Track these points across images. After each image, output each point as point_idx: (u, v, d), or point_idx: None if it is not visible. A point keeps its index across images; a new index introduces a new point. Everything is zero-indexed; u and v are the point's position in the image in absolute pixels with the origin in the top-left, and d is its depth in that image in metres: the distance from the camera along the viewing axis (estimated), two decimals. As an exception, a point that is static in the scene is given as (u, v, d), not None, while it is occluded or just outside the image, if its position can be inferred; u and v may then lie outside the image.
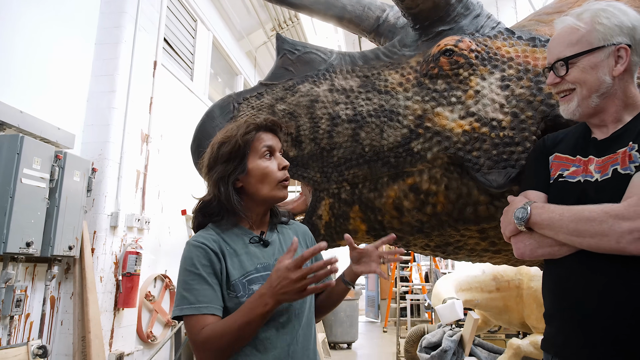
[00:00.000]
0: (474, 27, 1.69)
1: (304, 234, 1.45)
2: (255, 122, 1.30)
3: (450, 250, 1.84)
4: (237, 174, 1.24)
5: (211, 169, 1.27)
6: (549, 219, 1.15)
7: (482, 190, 1.55)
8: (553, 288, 1.23)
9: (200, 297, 1.11)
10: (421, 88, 1.64)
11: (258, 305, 1.04)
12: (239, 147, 1.25)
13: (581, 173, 1.19)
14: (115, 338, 3.56)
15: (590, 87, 1.18)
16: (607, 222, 1.04)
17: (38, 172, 2.83)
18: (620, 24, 1.16)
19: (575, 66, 1.19)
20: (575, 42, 1.20)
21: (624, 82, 1.17)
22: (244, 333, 1.07)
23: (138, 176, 3.96)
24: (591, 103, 1.19)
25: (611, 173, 1.11)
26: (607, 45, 1.16)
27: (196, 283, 1.13)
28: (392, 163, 1.64)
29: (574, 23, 1.22)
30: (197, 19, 5.50)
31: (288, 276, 1.01)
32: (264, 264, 1.23)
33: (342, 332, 7.11)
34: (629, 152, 1.10)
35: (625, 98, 1.18)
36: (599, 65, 1.17)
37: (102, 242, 3.49)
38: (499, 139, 1.49)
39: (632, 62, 1.17)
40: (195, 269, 1.13)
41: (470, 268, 3.64)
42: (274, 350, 1.16)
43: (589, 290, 1.11)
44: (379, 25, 2.04)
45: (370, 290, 11.53)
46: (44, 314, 3.13)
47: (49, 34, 3.23)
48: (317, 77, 1.76)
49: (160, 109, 4.30)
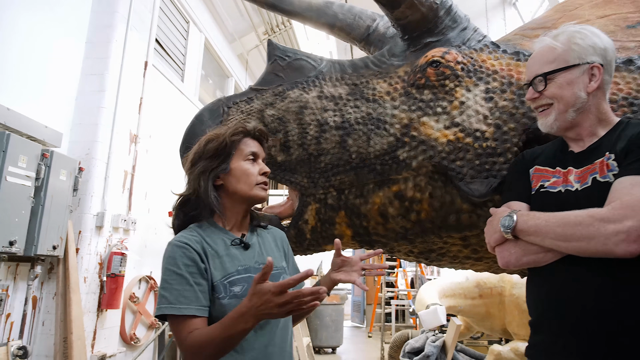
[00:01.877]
0: (460, 39, 1.74)
1: (281, 239, 1.47)
2: (245, 128, 1.35)
3: (434, 257, 1.87)
4: (219, 171, 1.28)
5: (195, 164, 1.30)
6: (535, 225, 1.18)
7: (465, 199, 1.59)
8: (538, 296, 1.27)
9: (180, 297, 1.12)
10: (408, 97, 1.68)
11: (239, 323, 1.05)
12: (225, 146, 1.29)
13: (562, 183, 1.24)
14: (98, 339, 3.53)
15: (567, 102, 1.25)
16: (593, 225, 1.07)
17: (24, 171, 2.80)
18: (593, 45, 1.24)
19: (552, 82, 1.26)
20: (552, 59, 1.27)
21: (597, 99, 1.25)
22: (226, 346, 1.09)
23: (125, 176, 3.94)
24: (568, 117, 1.25)
25: (591, 182, 1.17)
26: (582, 63, 1.24)
27: (177, 283, 1.14)
28: (378, 170, 1.67)
29: (552, 43, 1.29)
30: (189, 20, 5.50)
31: (272, 300, 1.01)
32: (245, 266, 1.25)
33: (327, 336, 7.12)
34: (606, 161, 1.16)
35: (599, 114, 1.25)
36: (575, 81, 1.24)
37: (87, 242, 3.47)
38: (482, 149, 1.53)
39: (604, 81, 1.25)
40: (178, 269, 1.15)
41: (454, 275, 3.68)
42: (251, 351, 1.18)
43: (575, 297, 1.14)
44: (369, 34, 2.07)
45: (356, 295, 11.56)
46: (25, 314, 3.09)
47: (38, 31, 3.21)
48: (306, 84, 1.78)
49: (149, 109, 4.29)
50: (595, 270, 1.10)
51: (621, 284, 1.09)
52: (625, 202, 1.06)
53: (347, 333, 9.66)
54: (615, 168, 1.13)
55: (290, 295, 1.01)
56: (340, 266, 1.41)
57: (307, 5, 2.11)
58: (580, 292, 1.13)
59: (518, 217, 1.22)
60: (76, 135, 3.53)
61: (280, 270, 1.34)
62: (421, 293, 3.53)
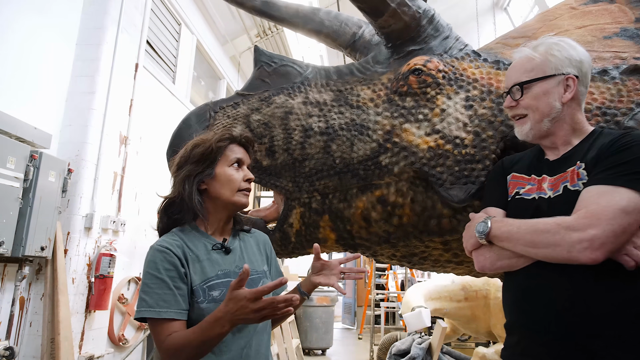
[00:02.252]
0: (442, 48, 1.78)
1: (264, 243, 1.49)
2: (232, 134, 1.37)
3: (416, 260, 1.91)
4: (204, 176, 1.30)
5: (180, 168, 1.33)
6: (508, 231, 1.23)
7: (445, 204, 1.63)
8: (511, 299, 1.31)
9: (159, 301, 1.15)
10: (391, 104, 1.72)
11: (215, 327, 1.08)
12: (211, 151, 1.32)
13: (536, 191, 1.28)
14: (86, 340, 3.53)
15: (542, 112, 1.29)
16: (559, 233, 1.12)
17: (12, 172, 2.81)
18: (569, 57, 1.28)
19: (529, 91, 1.31)
20: (530, 69, 1.31)
21: (572, 109, 1.29)
22: (203, 349, 1.12)
23: (115, 178, 3.94)
24: (543, 127, 1.30)
25: (562, 190, 1.21)
26: (557, 74, 1.28)
27: (157, 287, 1.16)
28: (361, 175, 1.70)
29: (530, 53, 1.34)
30: (181, 22, 5.52)
31: (248, 306, 1.04)
32: (225, 270, 1.27)
33: (317, 338, 7.14)
34: (577, 170, 1.20)
35: (573, 123, 1.29)
36: (550, 91, 1.28)
37: (75, 244, 3.47)
38: (461, 156, 1.57)
39: (579, 92, 1.29)
40: (158, 273, 1.17)
41: (441, 277, 3.73)
42: (228, 353, 1.21)
43: (544, 300, 1.18)
44: (355, 41, 2.11)
45: (347, 297, 11.58)
46: (12, 314, 3.09)
47: (29, 33, 3.21)
48: (292, 90, 1.82)
49: (140, 111, 4.30)
50: (563, 273, 1.15)
51: (587, 287, 1.13)
52: (590, 211, 1.10)
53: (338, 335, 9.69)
54: (585, 177, 1.18)
55: (264, 302, 1.04)
56: (320, 269, 1.44)
57: (294, 12, 2.15)
58: (549, 295, 1.17)
59: (492, 223, 1.26)
60: (66, 137, 3.53)
61: (261, 275, 1.37)
62: (407, 296, 3.57)
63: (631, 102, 1.47)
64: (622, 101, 1.48)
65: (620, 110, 1.46)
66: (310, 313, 7.14)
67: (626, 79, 1.52)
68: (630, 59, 1.60)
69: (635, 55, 1.61)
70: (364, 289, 9.53)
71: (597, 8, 1.87)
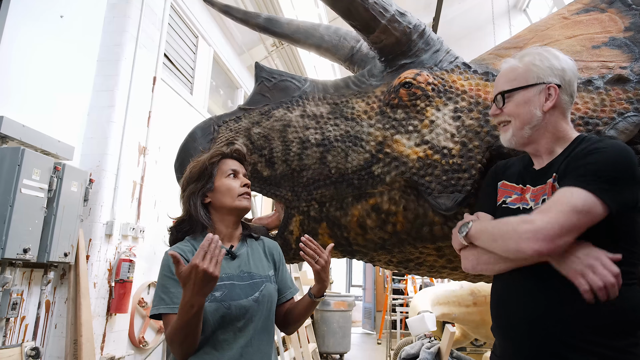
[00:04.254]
0: (433, 61, 1.84)
1: (271, 249, 1.59)
2: (222, 151, 1.52)
3: (412, 266, 1.97)
4: (206, 190, 1.45)
5: (184, 189, 1.49)
6: (480, 228, 1.28)
7: (436, 212, 1.69)
8: (492, 304, 1.37)
9: (175, 298, 1.29)
10: (383, 116, 1.79)
11: (186, 311, 1.18)
12: (206, 168, 1.47)
13: (520, 201, 1.33)
14: (107, 342, 3.69)
15: (522, 120, 1.33)
16: (512, 225, 1.17)
17: (37, 183, 2.99)
18: (551, 66, 1.32)
19: (511, 100, 1.35)
20: (513, 79, 1.36)
21: (555, 118, 1.32)
22: (186, 333, 1.22)
23: (134, 187, 4.12)
24: (524, 134, 1.34)
25: (541, 203, 1.25)
26: (539, 83, 1.32)
27: (172, 286, 1.31)
28: (356, 184, 1.78)
29: (514, 63, 1.39)
30: (198, 35, 5.70)
31: (193, 272, 1.14)
32: (228, 274, 1.39)
33: (335, 342, 7.19)
34: (552, 182, 1.25)
35: (556, 132, 1.32)
36: (531, 100, 1.32)
37: (97, 250, 3.64)
38: (449, 165, 1.63)
39: (562, 100, 1.32)
40: (172, 275, 1.30)
41: (451, 282, 3.75)
42: (230, 350, 1.31)
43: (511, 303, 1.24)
44: (353, 54, 2.20)
45: (367, 302, 11.59)
46: (38, 317, 3.27)
47: (53, 53, 3.42)
48: (290, 104, 1.91)
49: (158, 122, 4.47)
50: (528, 275, 1.19)
51: (548, 289, 1.17)
52: (544, 206, 1.15)
53: (358, 339, 9.71)
54: None
55: (199, 253, 1.14)
56: None
57: (296, 28, 2.25)
58: (515, 297, 1.23)
59: (473, 224, 1.32)
60: (87, 149, 3.72)
61: (264, 279, 1.46)
62: (414, 300, 3.60)
63: (613, 112, 1.50)
64: (605, 111, 1.51)
65: (602, 119, 1.50)
66: (328, 317, 7.21)
67: (610, 88, 1.55)
68: (616, 68, 1.63)
69: (622, 64, 1.64)
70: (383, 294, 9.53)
71: (588, 17, 1.90)
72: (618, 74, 1.57)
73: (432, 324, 3.19)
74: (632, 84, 1.54)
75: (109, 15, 4.01)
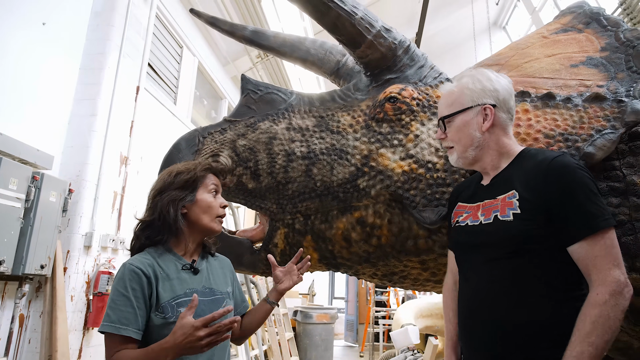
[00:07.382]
0: (417, 76, 1.87)
1: (227, 266, 1.59)
2: (211, 165, 1.50)
3: (396, 279, 1.97)
4: (187, 201, 1.41)
5: (162, 192, 1.42)
6: None
7: (420, 225, 1.70)
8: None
9: (122, 318, 1.22)
10: (368, 130, 1.81)
11: (159, 356, 1.15)
12: (195, 179, 1.43)
13: (469, 218, 1.37)
14: (84, 357, 3.58)
15: (464, 144, 1.38)
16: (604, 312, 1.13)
17: (14, 193, 2.91)
18: (483, 88, 1.37)
19: (451, 124, 1.40)
20: (450, 103, 1.41)
21: (495, 136, 1.37)
22: None
23: (115, 197, 4.05)
24: (469, 155, 1.38)
25: (493, 219, 1.28)
26: (474, 105, 1.36)
27: (122, 304, 1.24)
28: (341, 197, 1.79)
29: (451, 88, 1.44)
30: (182, 45, 5.69)
31: (195, 334, 1.12)
32: (193, 289, 1.36)
33: (317, 355, 7.12)
34: (509, 199, 1.26)
35: (499, 148, 1.37)
36: (469, 122, 1.36)
37: (75, 262, 3.55)
38: (433, 179, 1.65)
39: (500, 118, 1.36)
40: (125, 291, 1.25)
41: (434, 295, 3.77)
42: None
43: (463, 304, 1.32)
44: (339, 68, 2.22)
45: (350, 315, 11.52)
46: (11, 331, 3.16)
47: (33, 59, 3.36)
48: (276, 116, 1.91)
49: (141, 131, 4.42)
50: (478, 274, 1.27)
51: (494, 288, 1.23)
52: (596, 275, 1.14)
53: (340, 352, 9.63)
54: (517, 209, 1.23)
55: (211, 329, 1.13)
56: (282, 278, 1.56)
57: (282, 41, 2.26)
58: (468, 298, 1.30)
59: None
60: (67, 158, 3.65)
61: (225, 295, 1.45)
62: (398, 313, 3.60)
63: (592, 129, 1.54)
64: (584, 127, 1.56)
65: (581, 136, 1.54)
66: (310, 330, 7.14)
67: (588, 106, 1.61)
68: (593, 87, 1.69)
69: (599, 83, 1.70)
70: (366, 306, 9.50)
71: (566, 37, 1.97)
72: (595, 92, 1.62)
73: (415, 337, 3.19)
74: (608, 102, 1.59)
75: (92, 23, 3.96)
